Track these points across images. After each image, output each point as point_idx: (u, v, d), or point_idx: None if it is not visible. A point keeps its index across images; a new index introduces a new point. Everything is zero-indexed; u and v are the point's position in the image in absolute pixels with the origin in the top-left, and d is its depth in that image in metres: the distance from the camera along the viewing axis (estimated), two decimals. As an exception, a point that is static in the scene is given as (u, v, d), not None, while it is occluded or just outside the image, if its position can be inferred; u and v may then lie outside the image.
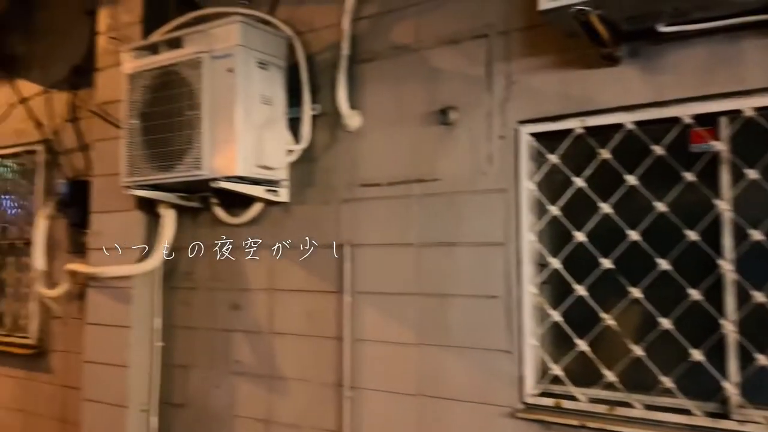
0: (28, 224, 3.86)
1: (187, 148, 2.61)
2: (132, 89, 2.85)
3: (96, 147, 3.30)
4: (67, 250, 3.62)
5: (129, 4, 3.21)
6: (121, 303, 3.06)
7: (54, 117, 3.79)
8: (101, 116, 3.24)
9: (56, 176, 3.73)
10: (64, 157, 3.72)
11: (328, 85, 2.64)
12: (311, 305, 2.61)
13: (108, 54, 3.28)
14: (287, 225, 2.74)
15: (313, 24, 2.74)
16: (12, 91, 4.02)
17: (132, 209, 3.10)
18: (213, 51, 2.56)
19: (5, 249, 4.02)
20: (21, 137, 3.94)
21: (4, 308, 3.99)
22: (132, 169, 2.82)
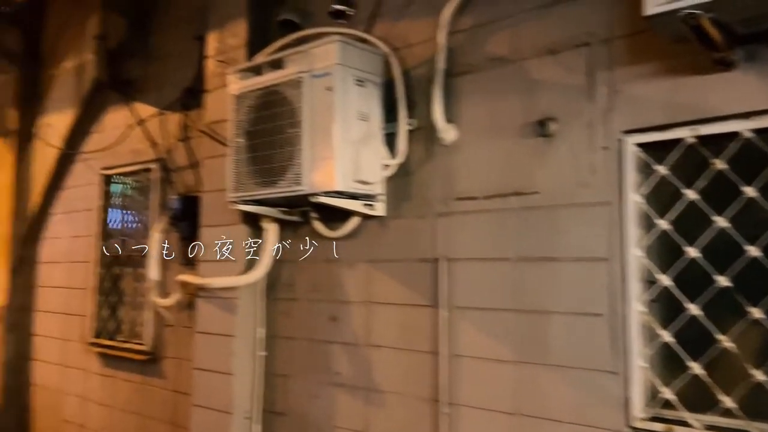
0: (144, 237, 4.13)
1: (289, 164, 2.70)
2: (237, 109, 2.99)
3: (205, 164, 3.49)
4: (179, 262, 3.84)
5: (234, 29, 3.38)
6: (226, 313, 3.21)
7: (167, 137, 4.04)
8: (210, 135, 3.43)
9: (169, 192, 3.97)
10: (177, 174, 3.96)
11: (423, 99, 2.65)
12: (407, 319, 2.62)
13: (216, 76, 3.47)
14: (383, 238, 2.77)
15: (408, 40, 2.76)
16: (130, 114, 4.33)
17: (237, 223, 3.24)
18: (313, 70, 2.65)
19: (124, 260, 4.33)
20: (138, 156, 4.23)
21: (123, 316, 4.28)
22: (237, 185, 2.96)
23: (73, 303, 4.69)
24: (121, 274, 4.36)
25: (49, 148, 5.03)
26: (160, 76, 4.16)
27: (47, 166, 5.06)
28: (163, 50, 4.18)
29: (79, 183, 4.82)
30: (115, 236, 4.44)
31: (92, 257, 4.52)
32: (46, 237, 5.17)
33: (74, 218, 4.82)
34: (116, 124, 4.50)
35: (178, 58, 4.05)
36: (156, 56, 4.22)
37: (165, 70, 4.13)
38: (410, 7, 2.78)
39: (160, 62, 4.18)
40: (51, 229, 5.11)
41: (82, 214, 4.73)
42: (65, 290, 4.82)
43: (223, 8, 3.46)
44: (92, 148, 4.70)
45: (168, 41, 4.15)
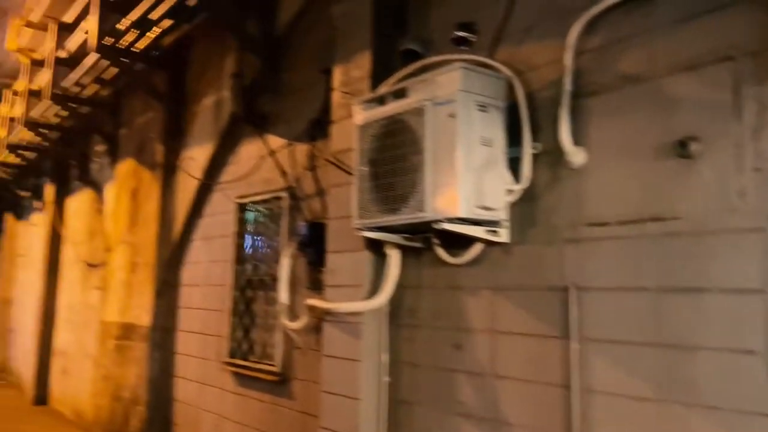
0: (274, 262, 4.33)
1: (411, 191, 2.72)
2: (362, 138, 3.07)
3: (331, 192, 3.61)
4: (306, 286, 3.99)
5: (359, 61, 3.50)
6: (352, 337, 3.27)
7: (296, 166, 4.23)
8: (335, 164, 3.54)
9: (298, 219, 4.15)
10: (305, 201, 4.12)
11: (549, 122, 2.58)
12: (535, 349, 2.53)
13: (341, 107, 3.59)
14: (508, 266, 2.70)
15: (532, 62, 2.71)
16: (263, 145, 4.59)
17: (361, 249, 3.31)
18: (436, 98, 2.66)
19: (256, 284, 4.56)
20: (269, 185, 4.47)
21: (256, 337, 4.50)
22: (362, 212, 3.02)
23: (210, 324, 5.00)
24: (254, 297, 4.59)
25: (190, 179, 5.44)
26: (290, 109, 4.38)
27: (189, 195, 5.47)
28: (292, 85, 4.40)
29: (217, 211, 5.16)
30: (248, 261, 4.69)
31: (228, 281, 4.80)
32: (187, 262, 5.57)
33: (212, 244, 5.16)
34: (250, 156, 4.79)
35: (305, 92, 4.24)
36: (286, 91, 4.45)
37: (294, 103, 4.35)
38: (533, 29, 2.73)
39: (290, 96, 4.41)
40: (191, 254, 5.51)
41: (219, 240, 5.06)
42: (203, 311, 5.15)
43: (347, 42, 3.59)
44: (228, 178, 5.02)
45: (297, 76, 4.37)
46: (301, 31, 4.36)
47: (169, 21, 4.96)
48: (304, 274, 4.03)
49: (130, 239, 6.28)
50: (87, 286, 7.77)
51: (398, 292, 3.20)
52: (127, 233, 6.35)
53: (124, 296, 6.24)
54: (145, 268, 5.87)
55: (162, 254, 5.72)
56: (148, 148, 6.09)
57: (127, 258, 6.28)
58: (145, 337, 5.66)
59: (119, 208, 6.65)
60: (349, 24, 3.60)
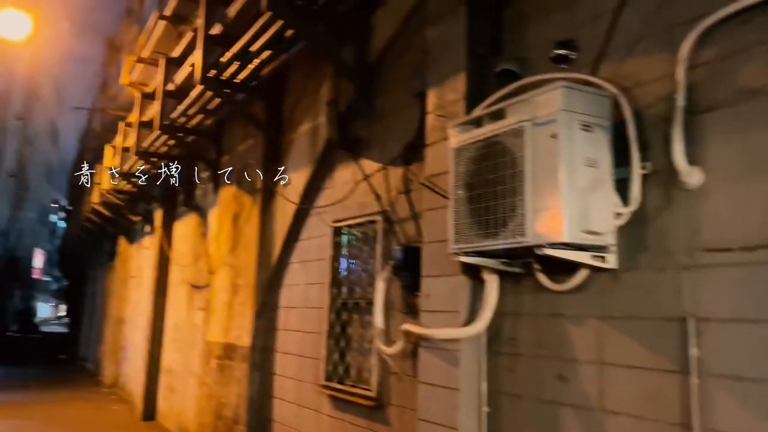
0: (369, 286, 4.34)
1: (511, 215, 2.64)
2: (457, 161, 3.02)
3: (425, 216, 3.57)
4: (401, 311, 3.96)
5: (453, 84, 3.46)
6: (449, 364, 3.19)
7: (390, 190, 4.24)
8: (430, 188, 3.51)
9: (392, 243, 4.14)
10: (399, 225, 4.11)
11: (659, 140, 2.43)
12: (648, 384, 2.35)
13: (435, 131, 3.56)
14: (616, 293, 2.55)
15: (639, 78, 2.57)
16: (357, 170, 4.64)
17: (458, 274, 3.24)
18: (535, 118, 2.58)
19: (351, 307, 4.58)
20: (364, 209, 4.50)
21: (351, 360, 4.50)
22: (458, 236, 2.97)
23: (307, 346, 5.07)
24: (349, 320, 4.61)
25: (288, 204, 5.59)
26: (383, 133, 4.41)
27: (286, 219, 5.61)
28: (385, 110, 4.43)
29: (313, 235, 5.26)
30: (343, 284, 4.73)
31: (324, 303, 4.86)
32: (285, 284, 5.70)
33: (309, 267, 5.25)
34: (345, 180, 4.85)
35: (399, 116, 4.26)
36: (380, 116, 4.49)
37: (387, 127, 4.37)
38: (639, 44, 2.59)
39: (383, 121, 4.44)
40: (289, 276, 5.63)
41: (315, 263, 5.14)
42: (300, 334, 5.23)
43: (441, 65, 3.57)
44: (324, 202, 5.11)
45: (390, 101, 4.40)
46: (394, 57, 4.39)
47: (268, 52, 5.14)
48: (399, 298, 4.00)
49: (231, 262, 6.52)
50: (192, 307, 8.14)
51: (496, 319, 3.10)
52: (229, 256, 6.60)
53: (225, 317, 6.47)
54: (246, 290, 6.07)
55: (261, 276, 5.89)
56: (248, 174, 6.33)
57: (228, 280, 6.52)
58: (245, 357, 5.83)
59: (221, 232, 6.93)
60: (442, 47, 3.58)
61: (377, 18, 4.55)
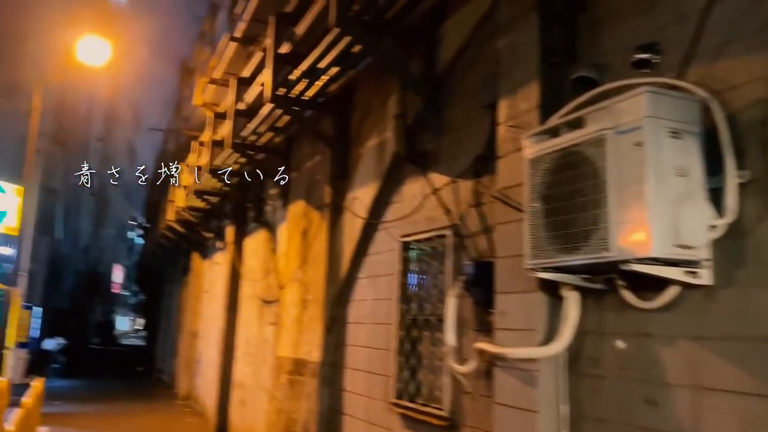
0: (439, 302, 4.25)
1: (593, 229, 2.51)
2: (533, 173, 2.91)
3: (498, 230, 3.46)
4: (473, 328, 3.84)
5: (526, 93, 3.35)
6: (527, 385, 3.06)
7: (460, 204, 4.15)
8: (503, 201, 3.40)
9: (463, 258, 4.04)
10: (469, 240, 4.01)
11: (756, 146, 2.25)
12: (753, 411, 2.16)
13: (507, 142, 3.46)
14: (712, 312, 2.36)
15: (731, 81, 2.40)
16: (425, 184, 4.57)
17: (534, 290, 3.11)
18: (618, 126, 2.44)
19: (421, 323, 4.49)
20: (433, 223, 4.42)
21: (422, 378, 4.41)
22: (535, 251, 2.85)
23: (376, 362, 5.01)
24: (419, 336, 4.53)
25: (356, 219, 5.58)
26: (452, 146, 4.33)
27: (355, 235, 5.60)
28: (454, 122, 4.35)
29: (381, 250, 5.22)
30: (413, 300, 4.65)
31: (393, 320, 4.79)
32: (353, 299, 5.68)
33: (377, 282, 5.21)
34: (413, 194, 4.79)
35: (468, 128, 4.17)
36: (448, 128, 4.41)
37: (456, 140, 4.29)
38: (731, 45, 2.42)
39: (452, 133, 4.36)
40: (357, 292, 5.60)
41: (383, 278, 5.09)
42: (369, 350, 5.18)
43: (513, 74, 3.47)
44: (392, 217, 5.06)
45: (458, 113, 4.32)
46: (462, 68, 4.31)
47: (336, 68, 5.17)
48: (471, 315, 3.89)
49: (300, 277, 6.56)
50: (263, 322, 8.25)
51: (577, 337, 2.94)
52: (298, 271, 6.64)
53: (295, 332, 6.51)
54: (315, 305, 6.08)
55: (330, 292, 5.89)
56: (317, 190, 6.37)
57: (298, 295, 6.56)
58: (315, 373, 5.82)
59: (291, 248, 7.00)
60: (514, 55, 3.48)
61: (445, 29, 4.49)
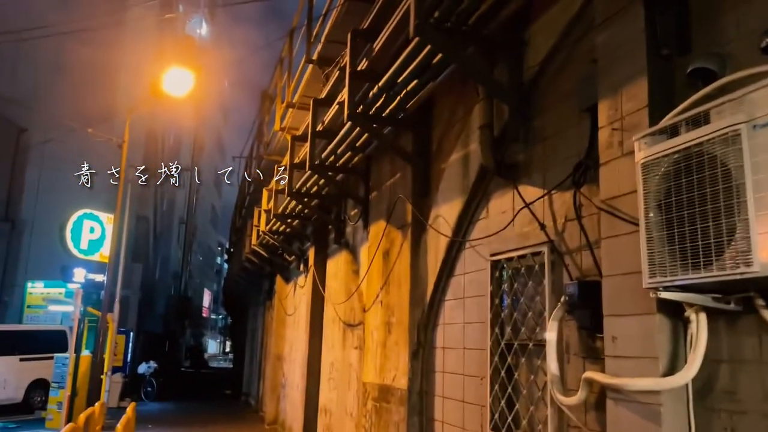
0: (537, 325, 3.90)
1: (727, 240, 2.15)
2: (646, 179, 2.57)
3: (605, 245, 3.10)
4: (578, 354, 3.48)
5: (632, 92, 3.01)
6: (648, 422, 2.67)
7: (556, 218, 3.81)
8: (609, 212, 3.05)
9: (563, 277, 3.69)
10: (569, 257, 3.66)
11: None
12: None
13: (611, 147, 3.12)
14: None
15: None
16: (515, 198, 4.26)
17: (651, 312, 2.73)
18: (754, 120, 2.08)
19: (517, 349, 4.14)
20: (526, 240, 4.09)
21: (520, 409, 4.05)
22: (654, 268, 2.50)
23: (468, 391, 4.69)
24: (515, 363, 4.18)
25: (440, 238, 5.31)
26: (544, 156, 4.01)
27: (439, 254, 5.33)
28: (546, 130, 4.03)
29: (469, 270, 4.92)
30: (507, 323, 4.31)
31: (485, 344, 4.47)
32: (440, 323, 5.39)
33: (466, 305, 4.91)
34: (502, 209, 4.49)
35: (563, 136, 3.85)
36: (538, 137, 4.09)
37: (550, 149, 3.96)
38: None
39: (545, 142, 4.04)
40: (444, 315, 5.31)
41: (473, 300, 4.79)
42: (460, 377, 4.87)
43: (615, 72, 3.14)
44: (479, 234, 4.76)
45: (551, 120, 3.99)
46: (553, 71, 3.99)
47: (415, 81, 4.97)
48: (576, 340, 3.52)
49: (383, 299, 6.35)
50: (347, 346, 8.08)
51: (707, 366, 2.54)
52: (381, 293, 6.43)
53: (380, 357, 6.28)
54: (399, 329, 5.83)
55: (415, 315, 5.63)
56: (398, 209, 6.16)
57: (381, 318, 6.34)
58: (403, 400, 5.55)
59: (372, 269, 6.81)
60: (616, 51, 3.15)
61: (532, 32, 4.20)
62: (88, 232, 21.24)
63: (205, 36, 50.56)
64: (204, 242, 51.72)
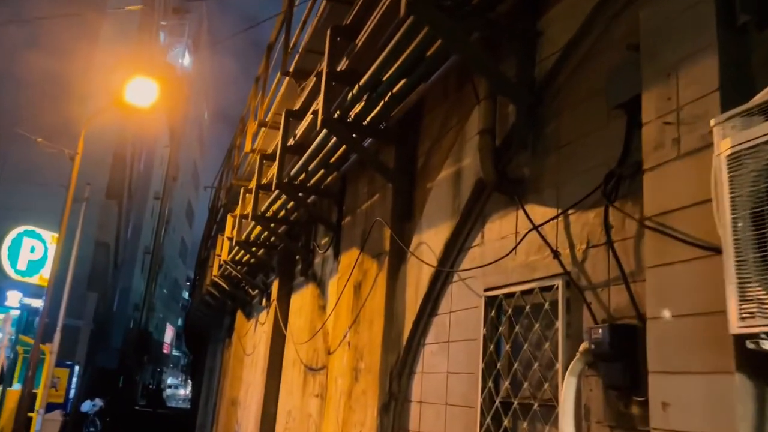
0: (545, 380, 3.06)
1: None
2: (735, 177, 1.79)
3: (652, 276, 2.30)
4: (602, 423, 2.63)
5: (694, 74, 2.27)
6: None
7: (575, 243, 3.01)
8: (661, 231, 2.26)
9: (581, 319, 2.87)
10: (592, 293, 2.85)
11: None
12: None
13: (662, 147, 2.36)
14: None
15: None
16: (520, 219, 3.47)
17: (728, 371, 1.92)
18: None
19: (518, 410, 3.28)
20: (532, 272, 3.27)
21: (518, 488, 3.16)
22: (750, 305, 1.69)
23: (450, 458, 3.78)
24: (513, 427, 3.30)
25: (422, 270, 4.48)
26: (561, 167, 3.24)
27: (420, 289, 4.48)
28: (562, 136, 3.27)
29: (457, 307, 4.08)
30: (504, 376, 3.45)
31: (475, 401, 3.59)
32: (418, 371, 4.50)
33: (451, 350, 4.04)
34: (501, 234, 3.69)
35: (584, 141, 3.09)
36: (553, 145, 3.33)
37: (567, 158, 3.20)
38: None
39: (559, 151, 3.27)
40: (424, 361, 4.43)
41: (460, 345, 3.93)
42: (440, 439, 3.96)
43: (669, 52, 2.41)
44: (471, 264, 3.94)
45: (569, 123, 3.24)
46: (574, 65, 3.26)
47: (402, 82, 4.21)
48: (599, 402, 2.68)
49: (352, 340, 5.44)
50: (307, 393, 7.08)
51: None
52: (349, 333, 5.53)
53: (344, 409, 5.33)
54: (368, 376, 4.92)
55: (388, 360, 4.74)
56: (374, 235, 5.32)
57: (348, 363, 5.42)
58: (368, 464, 4.60)
59: (341, 304, 5.92)
60: (671, 24, 2.42)
61: (548, 20, 3.48)
62: (28, 251, 18.63)
63: (187, 66, 50.10)
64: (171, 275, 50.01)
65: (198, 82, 52.29)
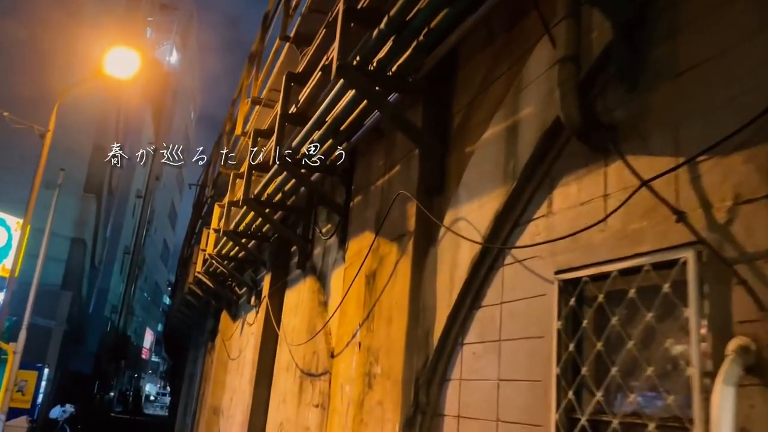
0: (664, 390, 2.18)
1: None
2: None
3: None
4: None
5: None
6: None
7: (712, 201, 2.15)
8: None
9: (729, 304, 2.00)
10: (747, 266, 1.98)
11: None
12: None
13: None
14: None
15: None
16: (607, 178, 2.61)
17: None
18: None
19: (612, 429, 2.39)
20: (637, 244, 2.41)
21: None
22: None
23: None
24: (612, 457, 2.41)
25: (459, 251, 3.61)
26: (680, 101, 2.38)
27: (457, 275, 3.60)
28: (682, 58, 2.42)
29: (512, 297, 3.20)
30: (590, 384, 2.56)
31: (543, 418, 2.71)
32: (453, 377, 3.61)
33: (503, 351, 3.16)
34: (579, 200, 2.82)
35: (719, 60, 2.24)
36: (667, 72, 2.47)
37: (692, 89, 2.34)
38: None
39: (677, 80, 2.42)
40: (463, 365, 3.53)
41: (517, 344, 3.05)
42: (489, 467, 3.06)
43: None
44: (534, 240, 3.07)
45: (697, 38, 2.39)
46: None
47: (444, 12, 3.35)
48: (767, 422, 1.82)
49: (363, 340, 4.54)
50: (303, 402, 6.13)
51: None
52: (360, 332, 4.63)
53: (352, 422, 4.42)
54: (386, 383, 4.02)
55: (412, 363, 3.84)
56: (394, 215, 4.44)
57: (359, 367, 4.52)
58: (387, 493, 3.69)
59: (349, 299, 5.02)
60: None
61: None
62: (-11, 237, 16.66)
63: (174, 64, 49.06)
64: (151, 278, 48.63)
65: (185, 80, 51.23)
